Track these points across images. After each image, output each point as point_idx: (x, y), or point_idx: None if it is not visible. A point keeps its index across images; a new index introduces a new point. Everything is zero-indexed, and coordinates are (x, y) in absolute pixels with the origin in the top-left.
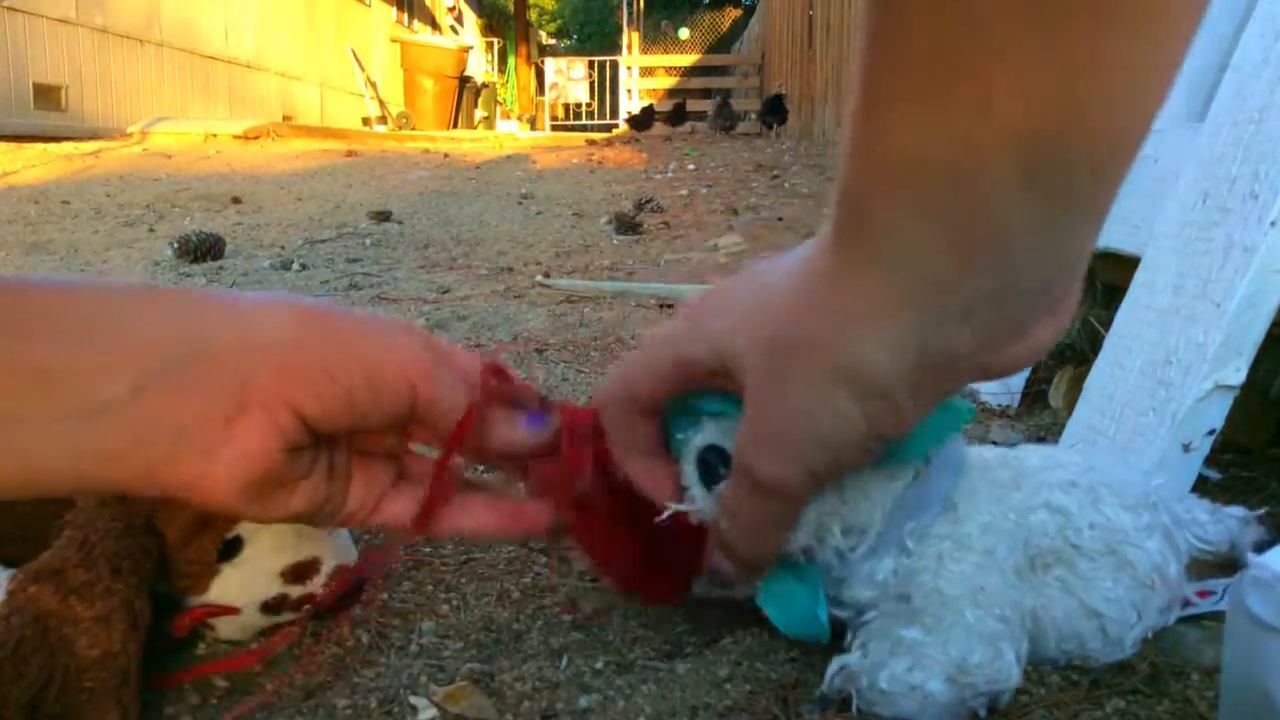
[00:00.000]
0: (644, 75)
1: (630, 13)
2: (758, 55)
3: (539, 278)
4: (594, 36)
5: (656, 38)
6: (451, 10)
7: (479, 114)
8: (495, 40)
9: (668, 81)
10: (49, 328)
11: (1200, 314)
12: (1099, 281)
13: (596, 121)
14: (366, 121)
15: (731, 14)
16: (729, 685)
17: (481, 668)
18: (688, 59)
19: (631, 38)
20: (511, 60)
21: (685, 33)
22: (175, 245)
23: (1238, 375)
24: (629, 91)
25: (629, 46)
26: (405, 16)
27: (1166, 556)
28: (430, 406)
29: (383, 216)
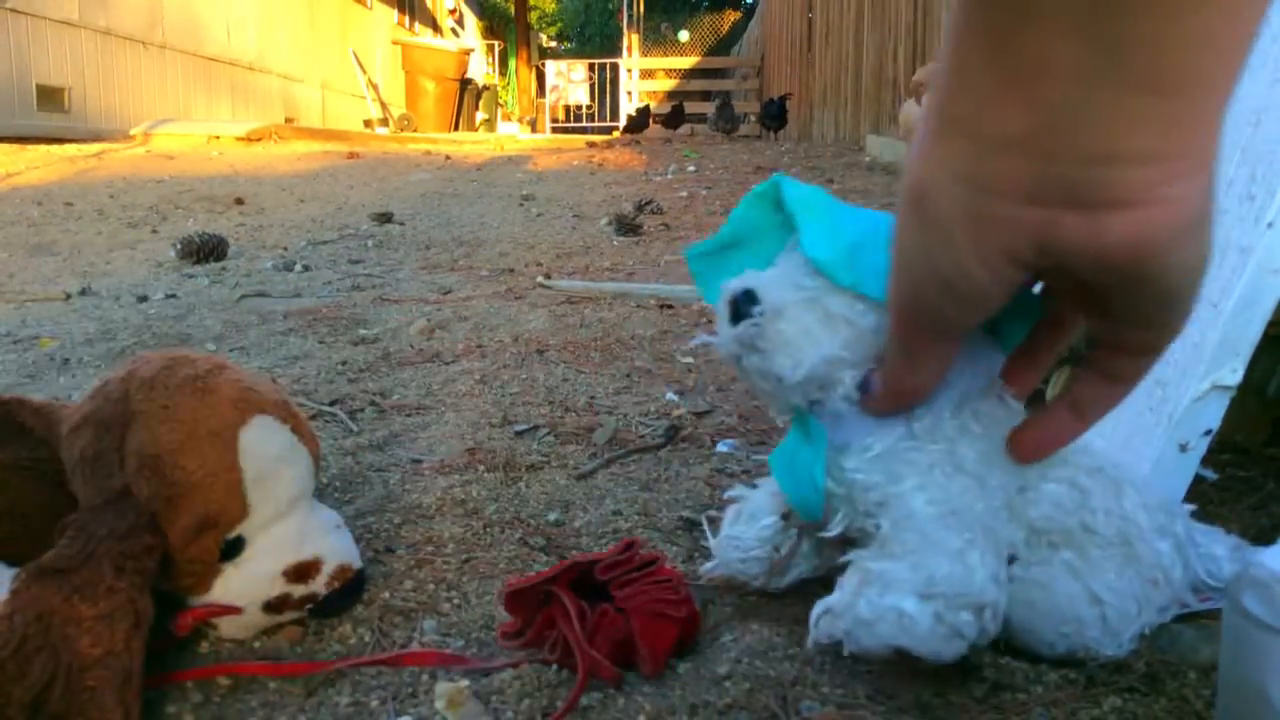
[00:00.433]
0: (644, 77)
1: (630, 15)
2: (757, 58)
3: (540, 279)
4: (594, 39)
5: (656, 40)
6: (452, 13)
7: (480, 116)
8: (496, 43)
9: (668, 84)
10: None
11: (1197, 314)
12: None
13: (597, 124)
14: (368, 123)
15: (731, 17)
16: (728, 683)
17: (482, 666)
18: (687, 61)
19: (631, 40)
20: (512, 63)
21: (685, 35)
22: (178, 246)
23: (1234, 375)
24: (629, 94)
25: (629, 49)
26: (406, 19)
27: (1174, 560)
28: None
29: (384, 218)
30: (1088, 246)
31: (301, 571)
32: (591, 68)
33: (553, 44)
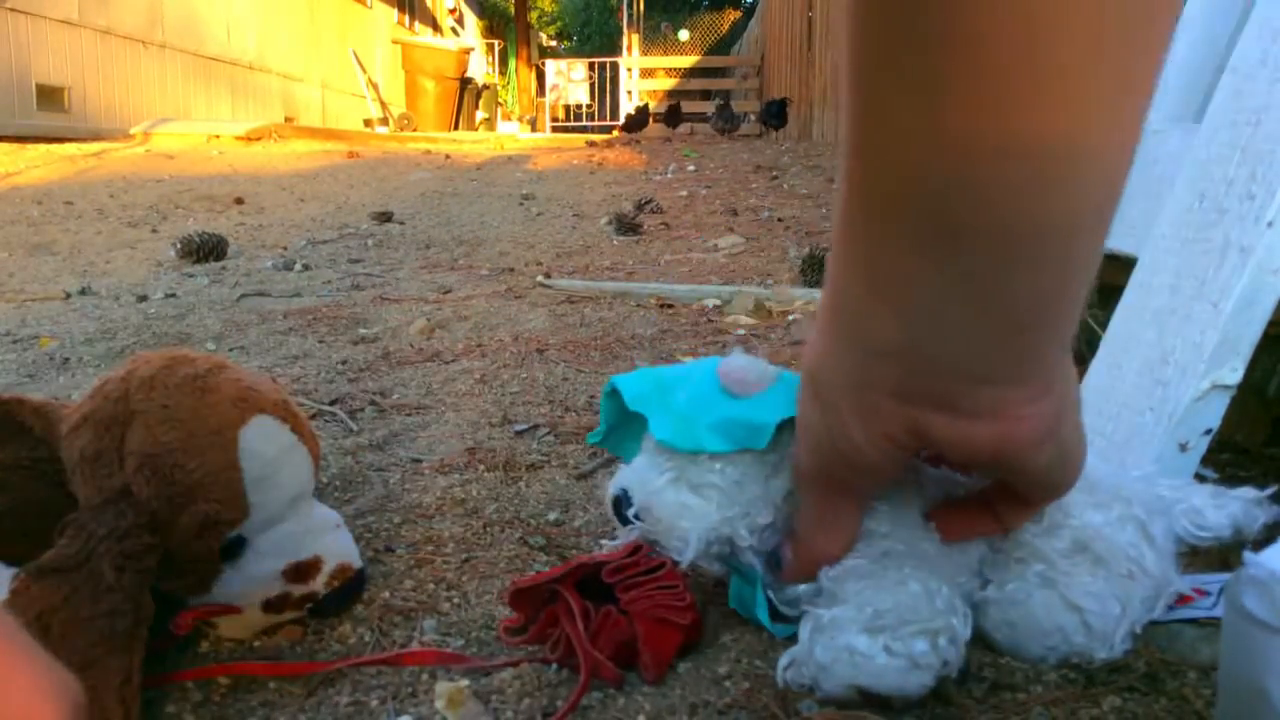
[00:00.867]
0: (644, 77)
1: (630, 14)
2: (757, 57)
3: (540, 278)
4: (594, 38)
5: (656, 39)
6: (452, 12)
7: (480, 115)
8: (496, 42)
9: (668, 83)
10: None
11: (1197, 314)
12: (1097, 281)
13: (597, 123)
14: (368, 123)
15: (731, 16)
16: (728, 683)
17: (482, 665)
18: (687, 60)
19: (631, 39)
20: (512, 62)
21: (685, 35)
22: (178, 246)
23: (1234, 375)
24: (629, 93)
25: (629, 48)
26: (406, 18)
27: (1141, 548)
28: None
29: (384, 217)
30: (956, 444)
31: (301, 571)
32: (591, 67)
33: (553, 43)
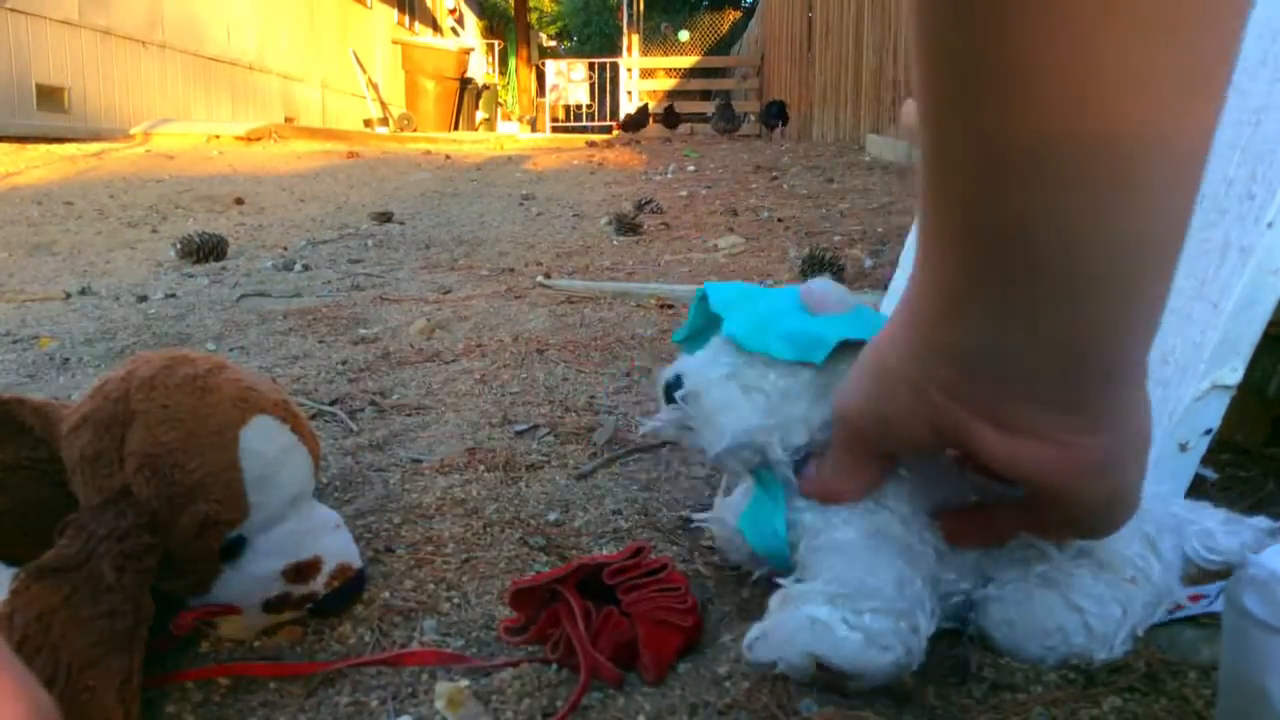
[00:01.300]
0: (644, 77)
1: (630, 15)
2: (757, 57)
3: (539, 278)
4: (594, 38)
5: (656, 39)
6: (452, 12)
7: (480, 115)
8: (496, 42)
9: (668, 83)
10: None
11: (1197, 314)
12: None
13: (597, 123)
14: (368, 123)
15: (731, 16)
16: (728, 683)
17: (482, 666)
18: (687, 61)
19: (631, 40)
20: (512, 62)
21: (685, 35)
22: (178, 246)
23: (1234, 375)
24: (629, 93)
25: (629, 48)
26: (406, 18)
27: (1148, 559)
28: None
29: (384, 217)
30: (998, 458)
31: (301, 571)
32: (591, 67)
33: (553, 43)
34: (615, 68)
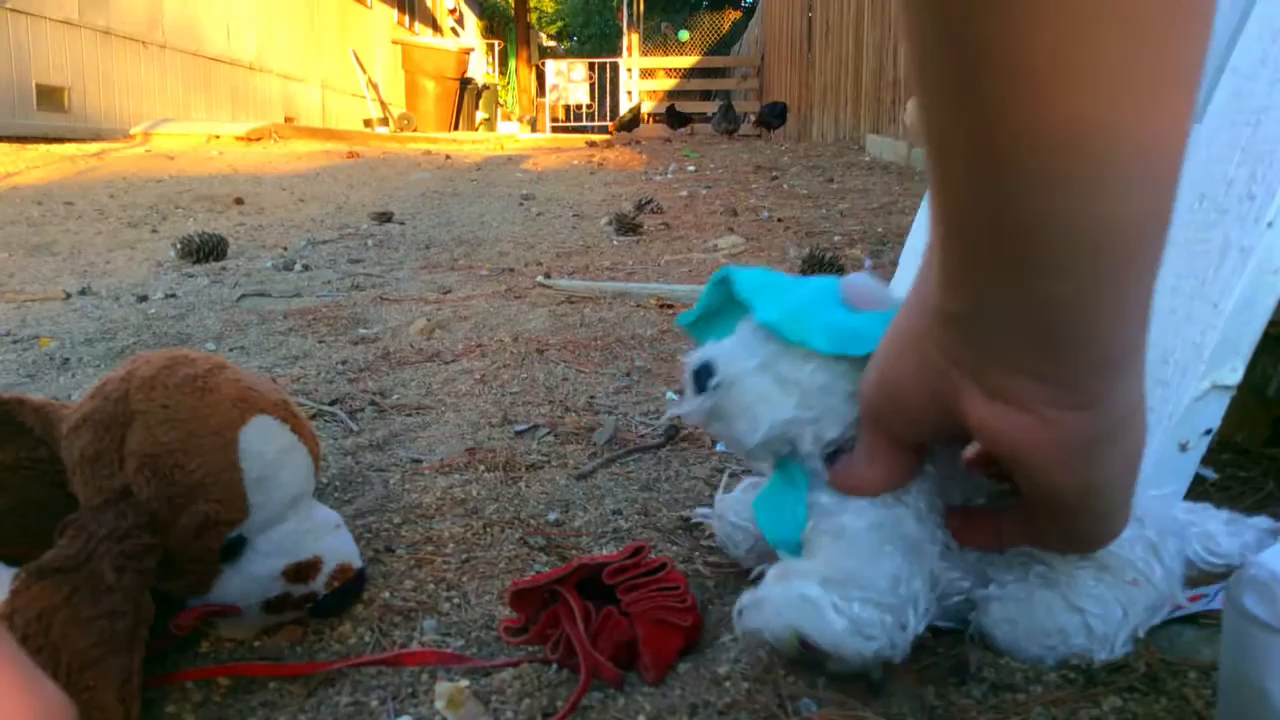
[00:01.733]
0: (644, 77)
1: (630, 15)
2: (757, 57)
3: (539, 278)
4: (594, 38)
5: (656, 39)
6: (452, 12)
7: (480, 116)
8: (496, 42)
9: (668, 83)
10: None
11: (1197, 314)
12: None
13: (597, 123)
14: (368, 123)
15: (731, 16)
16: (728, 683)
17: (482, 666)
18: (687, 61)
19: (632, 40)
20: (512, 62)
21: (685, 35)
22: (178, 246)
23: (1234, 375)
24: (629, 93)
25: (629, 48)
26: (406, 18)
27: (1150, 563)
28: None
29: (384, 217)
30: (983, 425)
31: (301, 571)
32: (591, 67)
33: (553, 43)
34: (615, 68)
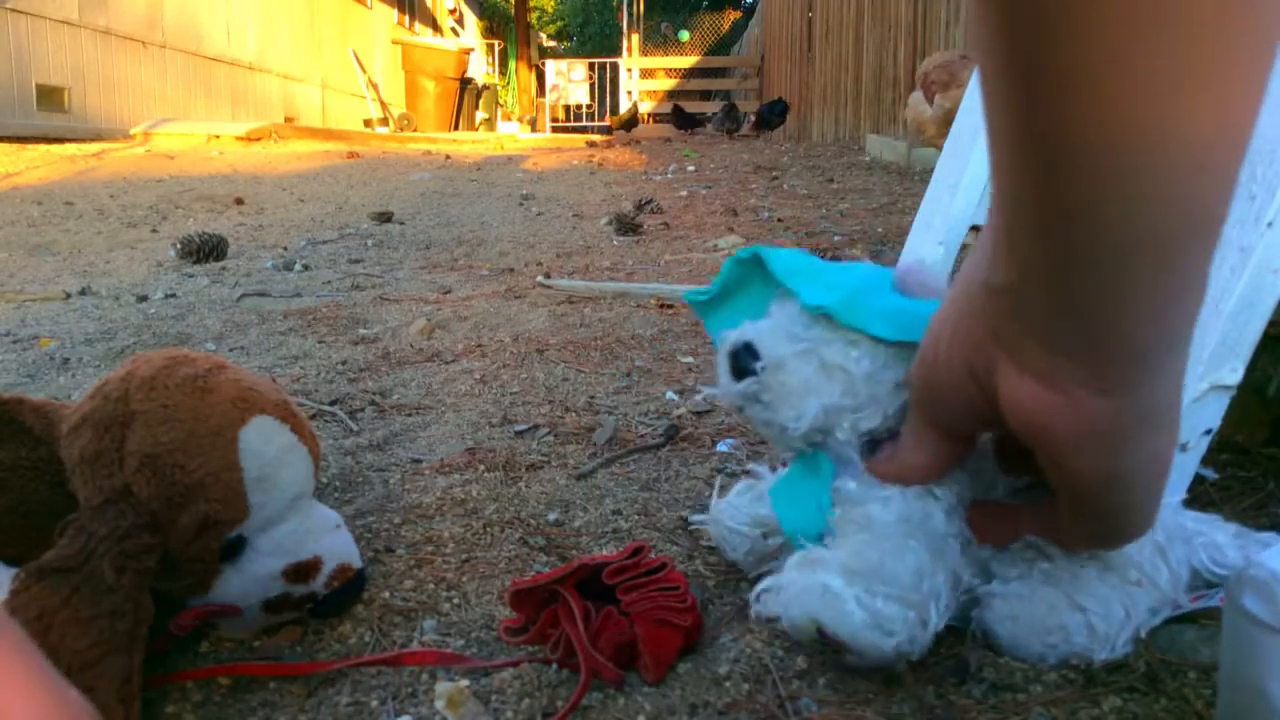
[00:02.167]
0: (644, 77)
1: (630, 15)
2: (757, 57)
3: (540, 278)
4: (594, 38)
5: (657, 39)
6: (452, 12)
7: (480, 116)
8: (496, 42)
9: (668, 83)
10: None
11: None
12: None
13: (597, 123)
14: (368, 123)
15: (731, 16)
16: (728, 683)
17: (482, 666)
18: (687, 61)
19: (632, 40)
20: (512, 62)
21: (686, 35)
22: (178, 246)
23: (1234, 375)
24: (629, 93)
25: (629, 49)
26: (406, 18)
27: (1157, 565)
28: None
29: (384, 217)
30: (1012, 400)
31: (301, 571)
32: (591, 67)
33: (552, 43)
34: (615, 68)
